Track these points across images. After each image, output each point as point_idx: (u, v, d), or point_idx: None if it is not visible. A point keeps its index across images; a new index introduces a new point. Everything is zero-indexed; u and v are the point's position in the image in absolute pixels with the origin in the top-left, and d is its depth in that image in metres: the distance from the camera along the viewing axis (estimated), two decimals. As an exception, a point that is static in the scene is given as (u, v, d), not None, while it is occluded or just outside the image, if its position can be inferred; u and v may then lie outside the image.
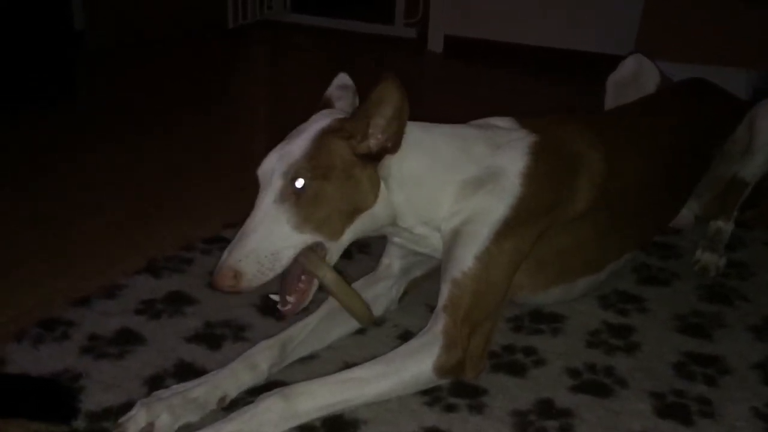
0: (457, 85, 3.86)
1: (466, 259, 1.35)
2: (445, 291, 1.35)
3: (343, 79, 1.53)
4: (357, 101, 1.50)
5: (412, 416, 1.27)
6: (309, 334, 1.43)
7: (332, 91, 1.51)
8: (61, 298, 1.59)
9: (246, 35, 4.67)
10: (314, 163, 1.26)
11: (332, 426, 1.23)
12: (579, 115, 1.76)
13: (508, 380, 1.39)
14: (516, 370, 1.42)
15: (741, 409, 1.34)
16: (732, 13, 3.09)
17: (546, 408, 1.31)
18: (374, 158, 1.33)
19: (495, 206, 1.37)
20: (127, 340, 1.45)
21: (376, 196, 1.34)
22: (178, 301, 1.59)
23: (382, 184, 1.35)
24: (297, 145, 1.29)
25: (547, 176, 1.43)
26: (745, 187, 1.85)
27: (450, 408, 1.30)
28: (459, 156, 1.41)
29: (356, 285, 1.53)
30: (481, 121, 1.54)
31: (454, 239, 1.38)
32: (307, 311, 1.52)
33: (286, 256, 1.25)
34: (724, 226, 1.89)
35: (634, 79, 2.00)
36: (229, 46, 4.43)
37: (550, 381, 1.39)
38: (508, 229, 1.37)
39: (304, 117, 1.41)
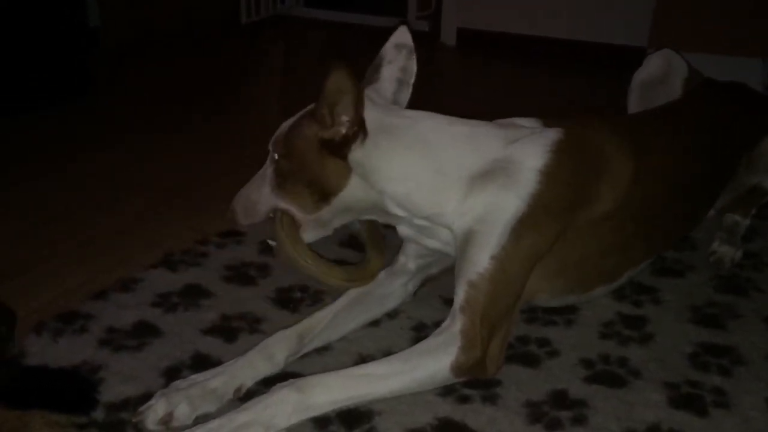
0: (469, 78, 3.86)
1: (481, 260, 1.32)
2: (460, 293, 1.33)
3: (401, 36, 1.51)
4: (413, 63, 1.51)
5: (426, 407, 1.28)
6: (325, 326, 1.44)
7: (387, 49, 1.50)
8: (79, 292, 1.61)
9: (259, 30, 4.69)
10: (286, 142, 1.41)
11: (346, 417, 1.24)
12: (608, 116, 1.66)
13: (521, 371, 1.39)
14: (530, 361, 1.43)
15: (755, 399, 1.33)
16: (747, 2, 3.06)
17: (560, 399, 1.32)
18: (339, 146, 1.33)
19: (509, 202, 1.33)
20: (144, 332, 1.47)
21: (341, 183, 1.37)
22: (194, 294, 1.61)
23: (355, 174, 1.36)
24: (289, 121, 1.44)
25: (568, 176, 1.37)
26: (766, 196, 1.83)
27: (464, 399, 1.31)
28: (462, 151, 1.37)
29: (376, 278, 1.54)
30: (504, 120, 1.48)
31: (467, 239, 1.35)
32: (323, 303, 1.54)
33: (262, 210, 1.48)
34: (741, 220, 1.87)
35: (662, 77, 1.91)
36: (242, 42, 4.45)
37: (564, 372, 1.40)
38: (523, 226, 1.33)
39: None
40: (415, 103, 1.50)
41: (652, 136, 1.58)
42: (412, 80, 1.53)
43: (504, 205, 1.33)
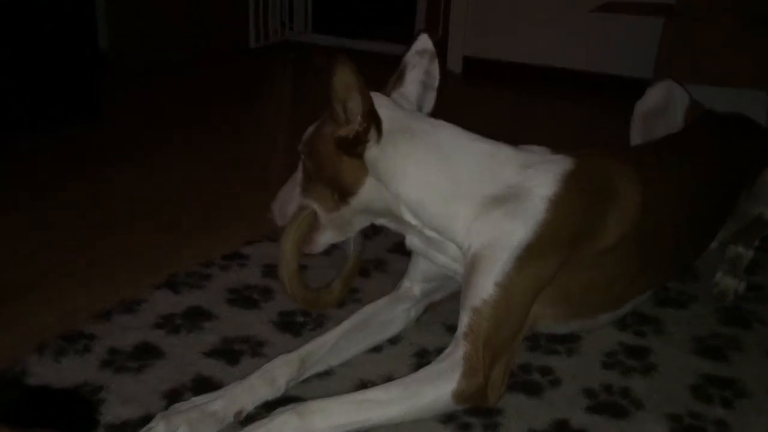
0: (475, 106, 3.87)
1: (486, 287, 1.32)
2: (465, 318, 1.33)
3: (422, 43, 1.53)
4: (435, 67, 1.53)
5: (427, 434, 1.28)
6: (328, 350, 1.43)
7: (410, 56, 1.52)
8: (83, 313, 1.61)
9: (268, 55, 4.73)
10: (310, 143, 1.44)
11: (348, 443, 1.24)
12: (617, 149, 1.68)
13: (523, 400, 1.39)
14: (532, 389, 1.42)
15: (758, 432, 1.33)
16: (750, 34, 3.08)
17: (561, 428, 1.31)
18: (353, 143, 1.34)
19: (517, 230, 1.33)
20: (146, 354, 1.47)
21: (358, 183, 1.39)
22: (196, 317, 1.61)
23: (371, 174, 1.37)
24: (315, 124, 1.46)
25: (576, 206, 1.38)
26: None
27: (465, 427, 1.30)
28: (480, 168, 1.38)
29: (379, 303, 1.55)
30: (521, 147, 1.49)
31: (473, 263, 1.35)
32: (325, 328, 1.54)
33: (290, 210, 1.50)
34: (744, 252, 1.87)
35: (663, 107, 1.92)
36: (251, 66, 4.49)
37: (566, 401, 1.39)
38: (529, 255, 1.33)
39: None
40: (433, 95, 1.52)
41: (659, 168, 1.59)
42: (437, 84, 1.55)
43: (511, 232, 1.33)
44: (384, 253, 1.94)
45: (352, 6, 5.55)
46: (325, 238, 1.48)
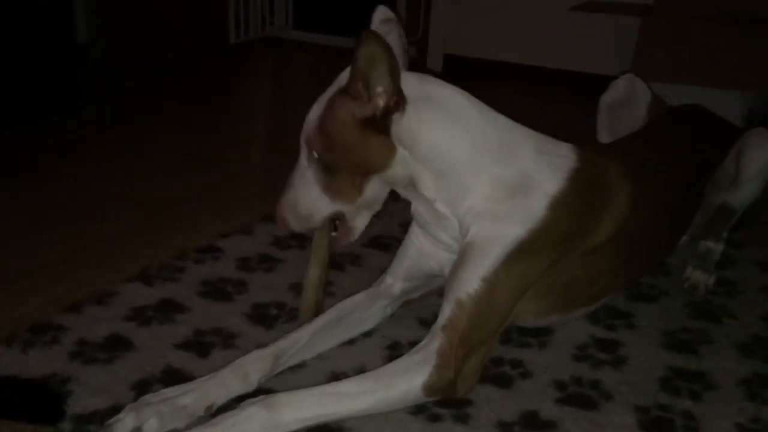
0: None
1: (472, 280, 1.32)
2: (446, 310, 1.33)
3: (383, 12, 1.49)
4: (402, 32, 1.49)
5: (398, 425, 1.28)
6: (302, 347, 1.42)
7: (376, 27, 1.47)
8: (55, 305, 1.60)
9: (248, 51, 4.71)
10: (324, 133, 1.33)
11: (317, 433, 1.24)
12: (614, 146, 1.72)
13: (494, 392, 1.39)
14: (503, 382, 1.43)
15: (726, 424, 1.34)
16: (727, 35, 3.12)
17: (531, 419, 1.32)
18: (382, 121, 1.30)
19: (513, 227, 1.34)
20: (116, 345, 1.46)
21: (388, 161, 1.34)
22: (169, 309, 1.60)
23: (400, 149, 1.33)
24: (315, 111, 1.36)
25: (575, 207, 1.39)
26: (734, 213, 1.85)
27: (435, 418, 1.30)
28: (500, 146, 1.37)
29: (356, 299, 1.54)
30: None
31: (464, 254, 1.36)
32: (298, 321, 1.54)
33: (317, 219, 1.41)
34: (714, 246, 1.89)
35: (626, 99, 1.99)
36: (231, 62, 4.47)
37: (536, 393, 1.40)
38: (521, 253, 1.34)
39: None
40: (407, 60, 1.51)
41: (642, 166, 1.60)
42: (407, 48, 1.52)
43: (508, 229, 1.34)
44: (359, 248, 1.94)
45: (332, 2, 5.54)
46: (360, 223, 1.44)
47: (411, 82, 1.34)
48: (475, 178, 1.36)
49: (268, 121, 3.48)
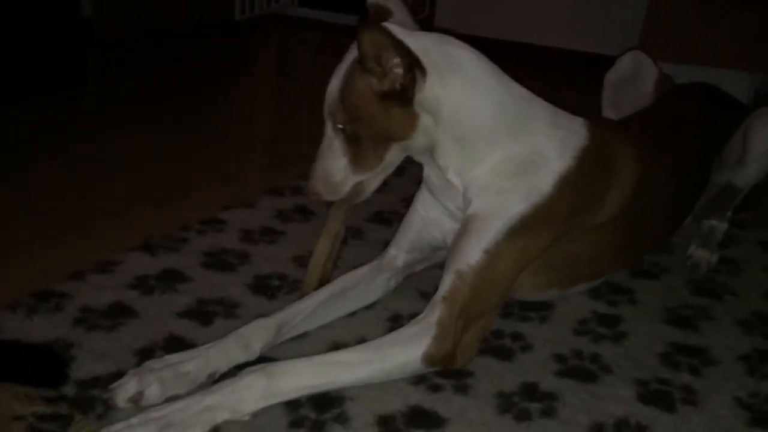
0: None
1: (473, 252, 1.33)
2: (447, 281, 1.33)
3: None
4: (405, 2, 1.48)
5: (398, 394, 1.28)
6: (304, 318, 1.43)
7: (377, 5, 1.47)
8: (58, 273, 1.60)
9: (253, 28, 4.69)
10: (346, 104, 1.32)
11: (317, 401, 1.25)
12: (623, 123, 1.70)
13: (494, 363, 1.40)
14: (503, 354, 1.43)
15: (724, 398, 1.35)
16: (734, 15, 3.09)
17: (530, 391, 1.33)
18: (402, 93, 1.29)
19: (517, 201, 1.34)
20: (119, 313, 1.46)
21: (411, 131, 1.33)
22: (171, 278, 1.61)
23: (423, 117, 1.33)
24: (335, 82, 1.34)
25: (581, 185, 1.39)
26: (739, 193, 1.85)
27: (435, 388, 1.31)
28: (517, 116, 1.37)
29: (360, 271, 1.54)
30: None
31: (466, 226, 1.36)
32: (300, 292, 1.55)
33: (344, 189, 1.41)
34: (718, 225, 1.89)
35: (632, 76, 1.98)
36: (236, 38, 4.45)
37: (536, 366, 1.41)
38: (523, 227, 1.34)
39: (307, 109, 1.42)
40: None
41: (650, 144, 1.59)
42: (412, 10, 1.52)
43: (512, 203, 1.34)
44: (362, 222, 1.94)
45: (339, -20, 5.51)
46: (374, 185, 1.44)
47: (430, 46, 1.32)
48: (488, 150, 1.36)
49: (273, 96, 3.48)
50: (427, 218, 1.53)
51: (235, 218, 1.93)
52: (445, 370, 1.34)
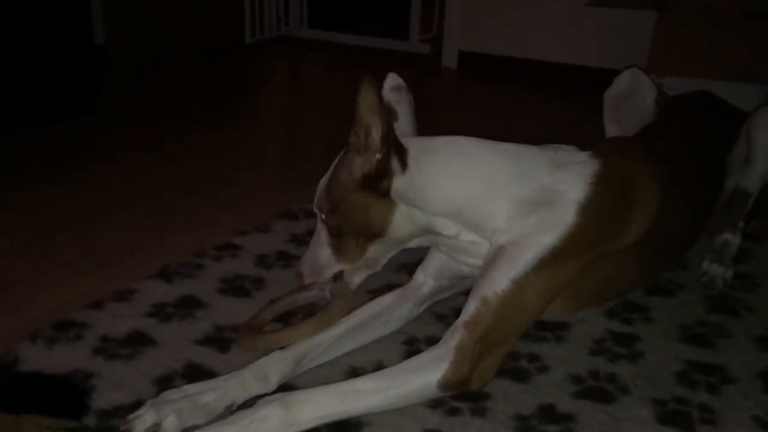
0: (471, 102, 3.89)
1: (501, 281, 1.33)
2: (471, 306, 1.33)
3: (393, 80, 1.55)
4: (411, 98, 1.54)
5: (415, 419, 1.29)
6: (324, 349, 1.43)
7: (386, 93, 1.52)
8: (76, 302, 1.63)
9: (263, 50, 4.74)
10: (329, 196, 1.41)
11: (335, 428, 1.25)
12: (639, 142, 1.71)
13: (511, 386, 1.40)
14: (519, 376, 1.44)
15: (742, 417, 1.34)
16: (743, 28, 3.10)
17: (548, 413, 1.33)
18: (380, 177, 1.34)
19: (545, 234, 1.35)
20: (138, 341, 1.48)
21: (387, 222, 1.39)
22: (188, 305, 1.62)
23: (401, 206, 1.37)
24: (325, 176, 1.45)
25: (603, 210, 1.39)
26: (749, 197, 1.85)
27: (453, 411, 1.32)
28: (510, 174, 1.39)
29: (384, 300, 1.54)
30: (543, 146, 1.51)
31: (495, 257, 1.36)
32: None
33: (327, 273, 1.49)
34: (732, 239, 1.89)
35: (631, 93, 2.00)
36: (247, 61, 4.50)
37: (553, 387, 1.41)
38: (552, 258, 1.35)
39: (318, 131, 1.45)
40: (418, 126, 1.53)
41: (666, 160, 1.59)
42: (414, 114, 1.57)
43: (541, 236, 1.35)
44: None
45: (347, 1, 5.56)
46: (357, 280, 1.51)
47: (407, 142, 1.38)
48: (494, 206, 1.38)
49: (284, 119, 3.51)
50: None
51: (249, 243, 1.94)
52: (461, 394, 1.34)
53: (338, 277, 1.49)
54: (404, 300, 1.56)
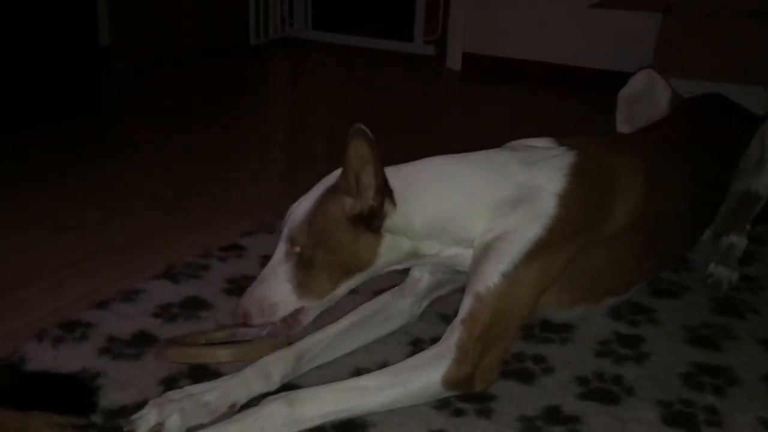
0: (475, 104, 3.89)
1: (492, 275, 1.34)
2: (466, 304, 1.34)
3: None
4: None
5: (420, 420, 1.29)
6: (325, 347, 1.44)
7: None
8: (82, 302, 1.63)
9: (268, 52, 4.75)
10: (311, 230, 1.34)
11: (340, 428, 1.25)
12: (619, 135, 1.72)
13: (516, 387, 1.40)
14: (525, 377, 1.44)
15: (748, 418, 1.34)
16: (748, 29, 3.10)
17: (553, 414, 1.33)
18: (371, 217, 1.34)
19: (529, 226, 1.36)
20: (143, 341, 1.48)
21: (373, 255, 1.37)
22: (194, 306, 1.63)
23: (388, 237, 1.37)
24: (302, 207, 1.36)
25: (583, 199, 1.41)
26: (759, 200, 1.85)
27: (458, 412, 1.32)
28: (486, 180, 1.40)
29: (382, 298, 1.55)
30: (516, 143, 1.53)
31: (483, 254, 1.37)
32: (323, 320, 1.55)
33: (282, 312, 1.37)
34: (738, 241, 1.89)
35: (645, 94, 2.01)
36: (251, 63, 4.51)
37: (558, 388, 1.40)
38: (539, 249, 1.36)
39: (322, 132, 1.44)
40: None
41: (659, 152, 1.61)
42: None
43: (525, 229, 1.36)
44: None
45: (351, 3, 5.57)
46: (309, 317, 1.40)
47: (390, 179, 1.35)
48: (476, 214, 1.40)
49: (289, 120, 3.51)
50: None
51: (254, 244, 1.95)
52: (466, 394, 1.34)
53: (290, 315, 1.38)
54: (403, 296, 1.57)
